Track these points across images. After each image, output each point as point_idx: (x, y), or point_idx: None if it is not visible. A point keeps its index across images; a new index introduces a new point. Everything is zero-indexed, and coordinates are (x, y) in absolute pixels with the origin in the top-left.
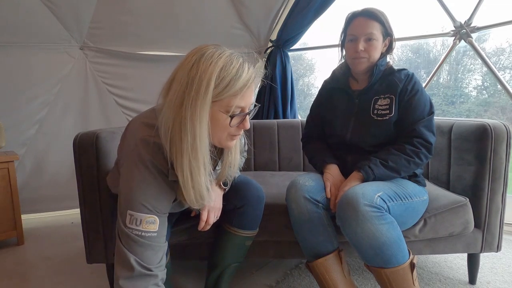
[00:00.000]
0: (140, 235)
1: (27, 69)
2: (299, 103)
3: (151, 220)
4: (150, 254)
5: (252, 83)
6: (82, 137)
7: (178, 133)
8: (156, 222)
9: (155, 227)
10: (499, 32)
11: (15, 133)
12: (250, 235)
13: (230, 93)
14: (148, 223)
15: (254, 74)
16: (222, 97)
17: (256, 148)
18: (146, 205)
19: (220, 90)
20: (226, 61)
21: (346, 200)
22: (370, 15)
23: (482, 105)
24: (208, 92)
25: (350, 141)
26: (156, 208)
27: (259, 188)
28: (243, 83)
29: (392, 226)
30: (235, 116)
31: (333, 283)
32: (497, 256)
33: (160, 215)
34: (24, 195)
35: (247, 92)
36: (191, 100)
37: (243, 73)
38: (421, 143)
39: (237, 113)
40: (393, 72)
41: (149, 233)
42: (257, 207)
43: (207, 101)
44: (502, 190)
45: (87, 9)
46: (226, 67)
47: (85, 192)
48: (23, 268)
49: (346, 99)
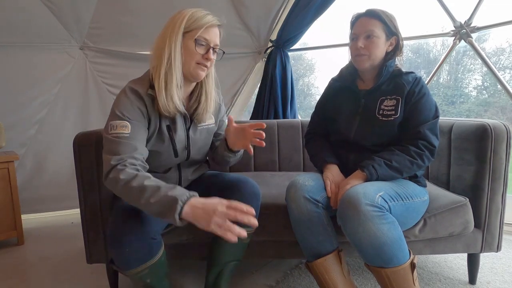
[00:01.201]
0: (117, 136)
1: (27, 69)
2: (299, 103)
3: (123, 124)
4: (124, 148)
5: (215, 26)
6: (82, 137)
7: (159, 57)
8: (128, 126)
9: (128, 130)
10: (499, 32)
11: (15, 133)
12: (248, 232)
13: (197, 25)
14: (122, 127)
15: (216, 19)
16: (191, 28)
17: (256, 148)
18: (119, 114)
19: (190, 24)
20: (197, 9)
21: (348, 200)
22: (371, 14)
23: (482, 105)
24: (181, 25)
25: (353, 140)
26: (127, 116)
27: (254, 184)
28: (206, 21)
29: (393, 226)
30: (200, 45)
31: (333, 283)
32: (497, 256)
33: (131, 121)
34: (24, 195)
35: (210, 29)
36: (169, 34)
37: (207, 15)
38: (425, 146)
39: (202, 42)
40: (401, 74)
41: (123, 134)
42: (253, 203)
43: (180, 31)
44: (502, 190)
45: (87, 9)
46: (196, 12)
47: (85, 192)
48: (23, 268)
49: (352, 98)
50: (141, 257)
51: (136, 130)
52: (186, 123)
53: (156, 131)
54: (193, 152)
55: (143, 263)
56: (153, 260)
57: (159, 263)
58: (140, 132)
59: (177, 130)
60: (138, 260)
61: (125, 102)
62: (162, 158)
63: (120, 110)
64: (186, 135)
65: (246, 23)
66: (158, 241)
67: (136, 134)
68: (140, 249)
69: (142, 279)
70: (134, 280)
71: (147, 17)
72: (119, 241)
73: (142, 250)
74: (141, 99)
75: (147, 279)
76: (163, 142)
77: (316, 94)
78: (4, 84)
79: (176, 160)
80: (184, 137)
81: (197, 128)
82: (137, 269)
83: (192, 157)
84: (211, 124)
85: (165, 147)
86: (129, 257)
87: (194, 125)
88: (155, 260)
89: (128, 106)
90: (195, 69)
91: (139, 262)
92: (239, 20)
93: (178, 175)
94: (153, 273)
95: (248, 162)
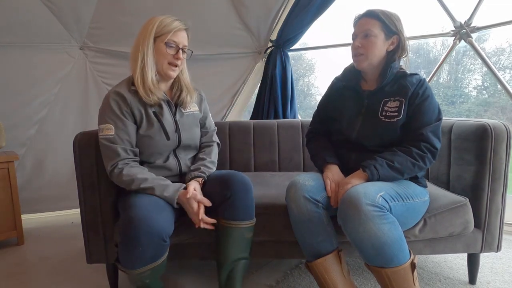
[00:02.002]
0: (105, 139)
1: (27, 69)
2: (299, 103)
3: (108, 127)
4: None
5: (183, 30)
6: (82, 137)
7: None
8: (112, 128)
9: (112, 132)
10: (499, 32)
11: (15, 133)
12: (247, 225)
13: (166, 30)
14: (107, 129)
15: (183, 24)
16: (162, 33)
17: (256, 148)
18: (104, 118)
19: (160, 29)
20: (166, 16)
21: (348, 199)
22: (369, 15)
23: (482, 105)
24: (152, 31)
25: (355, 140)
26: (112, 119)
27: (244, 176)
28: (174, 26)
29: (393, 226)
30: (170, 47)
31: (333, 283)
32: (497, 256)
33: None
34: (24, 195)
35: (178, 33)
36: (142, 39)
37: (175, 21)
38: (428, 148)
39: (172, 44)
40: (405, 76)
41: (109, 136)
42: (245, 195)
43: (151, 36)
44: (502, 190)
45: (87, 9)
46: (165, 18)
47: (85, 192)
48: (23, 268)
49: (356, 98)
50: (149, 259)
51: (121, 128)
52: (171, 108)
53: (144, 118)
54: (184, 135)
55: (149, 264)
56: (158, 262)
57: (161, 265)
58: (126, 129)
59: (164, 114)
60: (145, 261)
61: (108, 105)
62: (155, 143)
63: (104, 114)
64: (174, 119)
65: (246, 23)
66: (167, 244)
67: (120, 132)
68: (151, 251)
69: (142, 279)
70: (134, 280)
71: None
72: (133, 240)
73: (152, 252)
74: (123, 97)
75: (147, 279)
76: (152, 126)
77: (316, 94)
78: (4, 84)
79: (170, 144)
80: (172, 121)
81: (183, 113)
82: (141, 269)
83: (184, 141)
84: (196, 110)
85: (155, 130)
86: (138, 257)
87: (179, 111)
88: (159, 262)
89: (111, 108)
90: (167, 70)
91: (145, 263)
92: (239, 20)
93: (177, 162)
94: (153, 274)
95: (248, 162)
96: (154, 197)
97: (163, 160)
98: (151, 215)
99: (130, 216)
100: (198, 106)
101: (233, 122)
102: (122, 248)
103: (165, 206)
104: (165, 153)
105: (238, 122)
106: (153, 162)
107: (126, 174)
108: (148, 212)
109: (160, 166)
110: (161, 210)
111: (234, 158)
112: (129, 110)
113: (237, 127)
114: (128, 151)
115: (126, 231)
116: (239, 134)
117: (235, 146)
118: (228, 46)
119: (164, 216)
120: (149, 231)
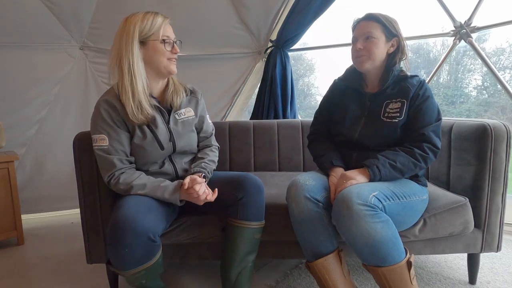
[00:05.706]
0: (99, 149)
1: (27, 69)
2: (299, 103)
3: (101, 137)
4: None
5: (167, 21)
6: (82, 137)
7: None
8: (105, 139)
9: (106, 142)
10: (499, 32)
11: (15, 133)
12: (257, 227)
13: (155, 29)
14: (101, 140)
15: (164, 15)
16: (150, 33)
17: (256, 148)
18: (97, 128)
19: (147, 30)
20: (140, 16)
21: (341, 199)
22: (369, 18)
23: (482, 105)
24: (134, 35)
25: (356, 141)
26: (105, 129)
27: (256, 178)
28: (160, 21)
29: (386, 225)
30: (167, 42)
31: (333, 283)
32: (497, 256)
33: (108, 131)
34: (24, 195)
35: (166, 26)
36: (124, 47)
37: (156, 16)
38: (430, 148)
39: (167, 40)
40: (406, 78)
41: (103, 146)
42: (257, 197)
43: (135, 41)
44: (502, 190)
45: (87, 9)
46: (144, 17)
47: (85, 192)
48: (23, 268)
49: (358, 100)
50: (139, 259)
51: (114, 137)
52: (164, 117)
53: (136, 128)
54: (180, 143)
55: (141, 265)
56: (150, 262)
57: (156, 265)
58: (120, 138)
59: (157, 124)
60: (136, 262)
61: (99, 114)
62: (149, 153)
63: (96, 124)
64: (167, 128)
65: (246, 23)
66: (158, 244)
67: (114, 142)
68: (139, 251)
69: (138, 280)
70: (130, 280)
71: None
72: (119, 242)
73: (141, 252)
74: (113, 106)
75: (143, 280)
76: (146, 137)
77: (316, 94)
78: (4, 84)
79: (164, 153)
80: (166, 130)
81: (177, 120)
82: (134, 270)
83: (180, 148)
84: (191, 116)
85: (148, 141)
86: (127, 258)
87: (173, 118)
88: (153, 262)
89: (102, 117)
90: (168, 66)
91: (137, 264)
92: (239, 20)
93: (173, 167)
94: (149, 274)
95: (248, 162)
96: (145, 197)
97: (158, 166)
98: (137, 216)
99: (115, 217)
100: (194, 110)
101: (233, 122)
102: (110, 249)
103: (156, 206)
104: (160, 160)
105: (238, 122)
106: (148, 170)
107: (124, 183)
108: (135, 212)
109: (156, 172)
110: (149, 210)
111: (234, 158)
112: (121, 119)
113: (237, 127)
114: (123, 161)
115: (111, 232)
116: (239, 134)
117: (235, 146)
118: (228, 46)
119: (152, 216)
120: (135, 231)
